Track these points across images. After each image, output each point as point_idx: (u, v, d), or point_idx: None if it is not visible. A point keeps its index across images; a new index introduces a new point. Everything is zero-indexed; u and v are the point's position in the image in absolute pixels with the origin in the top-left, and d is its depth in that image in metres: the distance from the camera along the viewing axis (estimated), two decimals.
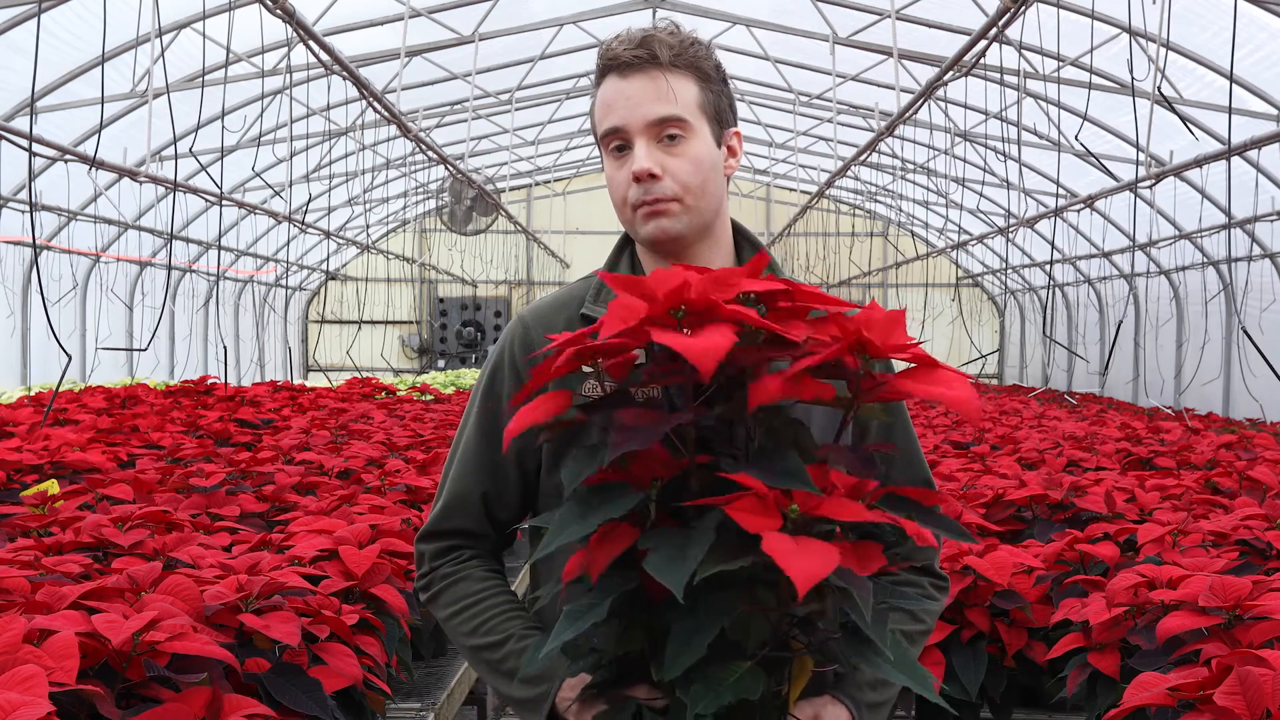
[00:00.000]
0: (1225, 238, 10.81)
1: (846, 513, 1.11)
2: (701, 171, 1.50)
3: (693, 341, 1.08)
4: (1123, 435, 6.99)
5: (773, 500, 1.10)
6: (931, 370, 1.16)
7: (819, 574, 1.03)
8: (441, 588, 1.57)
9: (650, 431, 1.12)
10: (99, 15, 5.80)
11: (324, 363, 18.99)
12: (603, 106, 1.51)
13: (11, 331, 11.64)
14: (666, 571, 1.08)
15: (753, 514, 1.09)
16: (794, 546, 1.05)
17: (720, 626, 1.12)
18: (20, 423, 5.81)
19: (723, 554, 1.10)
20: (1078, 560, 3.05)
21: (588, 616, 1.17)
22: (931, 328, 18.49)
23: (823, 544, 1.06)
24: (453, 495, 1.59)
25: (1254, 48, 8.14)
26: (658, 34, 1.51)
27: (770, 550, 1.04)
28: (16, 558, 2.49)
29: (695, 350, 1.06)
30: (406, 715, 2.79)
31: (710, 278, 1.15)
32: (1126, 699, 1.96)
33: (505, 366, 1.58)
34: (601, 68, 1.52)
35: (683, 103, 1.49)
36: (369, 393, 10.45)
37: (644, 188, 1.48)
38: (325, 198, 15.99)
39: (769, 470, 1.13)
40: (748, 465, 1.14)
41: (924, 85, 8.41)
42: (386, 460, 4.85)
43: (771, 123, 15.63)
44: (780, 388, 1.12)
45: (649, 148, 1.48)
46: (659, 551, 1.10)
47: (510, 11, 11.05)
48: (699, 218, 1.52)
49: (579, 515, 1.15)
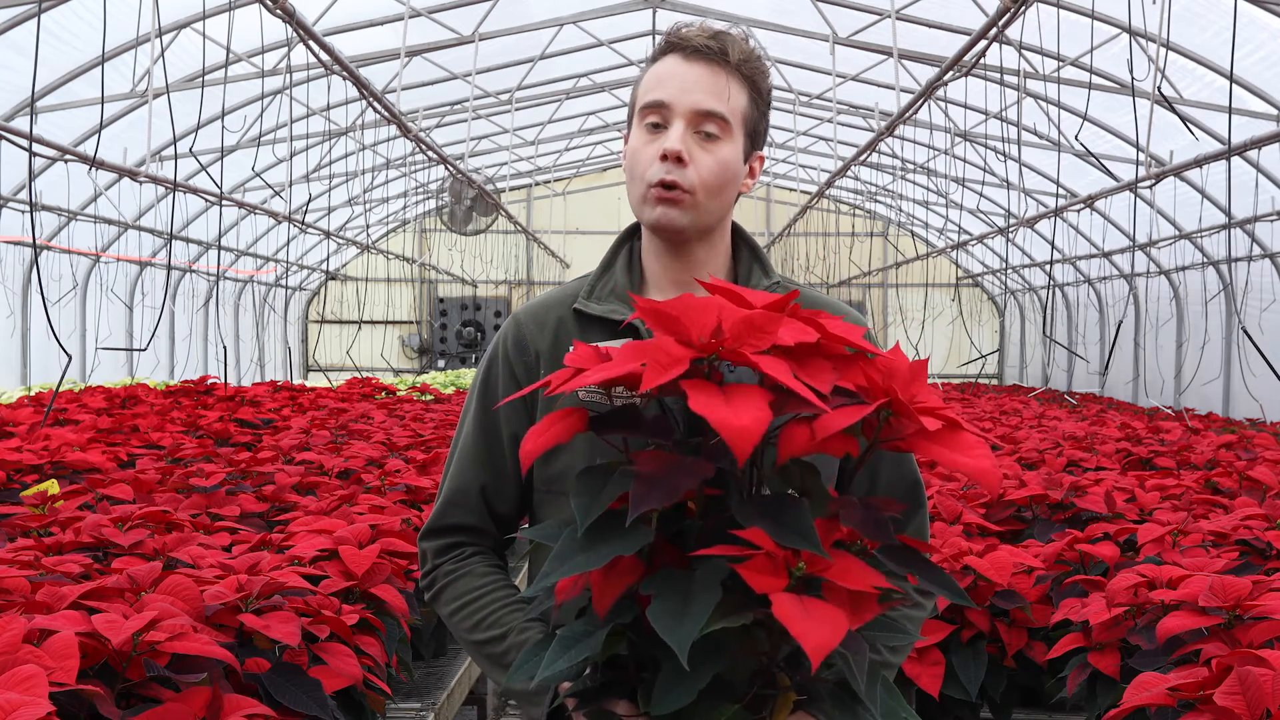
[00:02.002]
0: (1225, 238, 10.80)
1: (852, 581, 1.09)
2: (724, 176, 1.51)
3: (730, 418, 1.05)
4: (1123, 435, 6.99)
5: (782, 561, 1.09)
6: (955, 435, 1.13)
7: (831, 644, 1.03)
8: (444, 585, 1.57)
9: (672, 487, 1.10)
10: (99, 15, 5.80)
11: (324, 363, 18.99)
12: (654, 79, 1.52)
13: (11, 331, 11.64)
14: (671, 629, 1.07)
15: (762, 573, 1.08)
16: (802, 610, 1.04)
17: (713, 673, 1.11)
18: (20, 423, 5.81)
19: (727, 609, 1.09)
20: (1078, 560, 3.05)
21: (582, 647, 1.17)
22: (931, 328, 18.49)
23: (830, 610, 1.06)
24: (452, 491, 1.60)
25: (1254, 48, 8.14)
26: (732, 34, 1.52)
27: (782, 616, 1.03)
28: (16, 558, 2.49)
29: (733, 430, 1.04)
30: (406, 715, 2.79)
31: (745, 322, 1.12)
32: (1126, 699, 1.96)
33: (500, 363, 1.59)
34: (666, 45, 1.53)
35: (732, 106, 1.50)
36: (369, 393, 10.45)
37: (667, 167, 1.49)
38: (325, 198, 15.99)
39: (780, 526, 1.11)
40: (758, 516, 1.12)
41: (924, 85, 8.41)
42: (386, 460, 4.85)
43: (771, 122, 15.56)
44: (808, 443, 1.10)
45: (685, 133, 1.49)
46: (663, 601, 1.09)
47: (510, 11, 11.05)
48: (704, 219, 1.52)
49: (585, 546, 1.13)
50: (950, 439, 1.12)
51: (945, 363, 19.60)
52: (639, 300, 1.16)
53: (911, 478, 1.58)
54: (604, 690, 1.23)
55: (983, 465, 1.09)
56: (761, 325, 1.12)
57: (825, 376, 1.11)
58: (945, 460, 1.09)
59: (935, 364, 19.47)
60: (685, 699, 1.11)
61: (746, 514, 1.12)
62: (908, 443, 1.12)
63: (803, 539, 1.10)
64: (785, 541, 1.09)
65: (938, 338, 19.23)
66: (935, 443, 1.11)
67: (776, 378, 1.07)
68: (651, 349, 1.11)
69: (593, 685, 1.24)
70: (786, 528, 1.11)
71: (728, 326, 1.12)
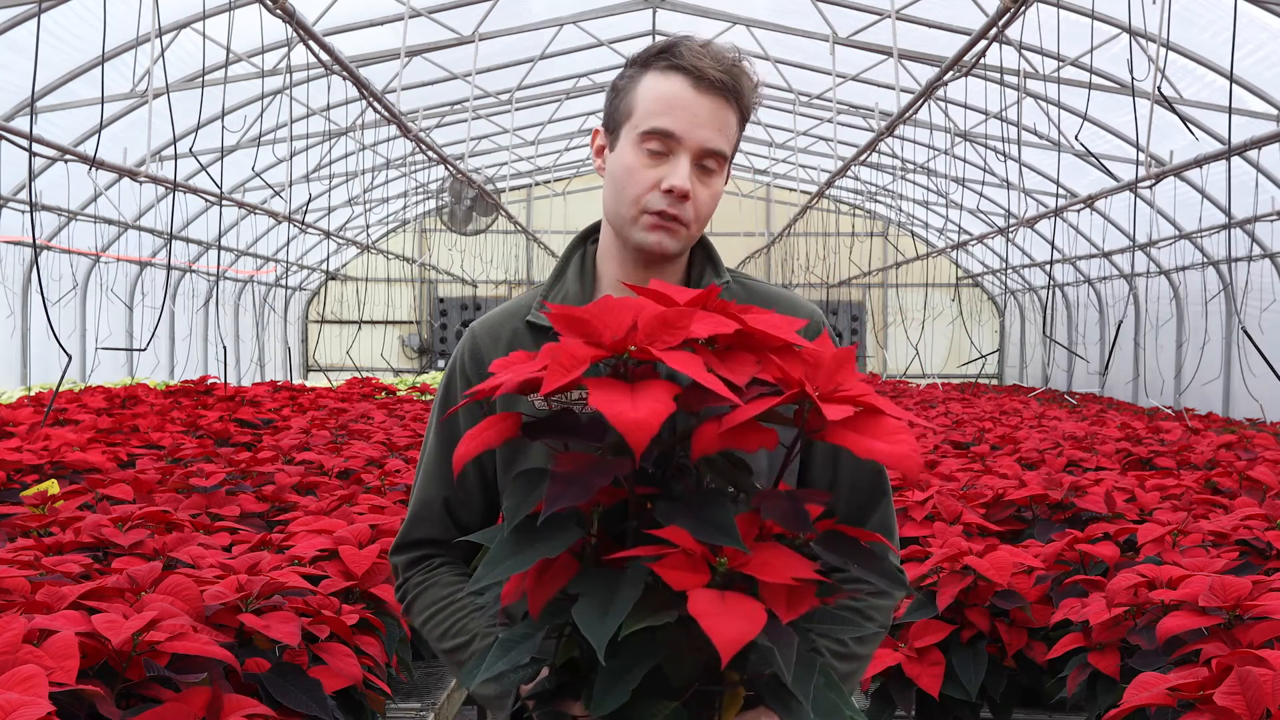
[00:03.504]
0: (1225, 238, 10.80)
1: (771, 574, 1.08)
2: (713, 205, 1.53)
3: (626, 411, 1.05)
4: (1123, 435, 6.99)
5: (700, 556, 1.09)
6: (873, 421, 1.11)
7: (743, 639, 1.01)
8: (414, 596, 1.59)
9: (586, 485, 1.10)
10: (99, 15, 5.80)
11: (324, 363, 18.99)
12: (660, 101, 1.48)
13: (11, 331, 11.64)
14: (593, 626, 1.07)
15: (680, 570, 1.08)
16: (720, 606, 1.03)
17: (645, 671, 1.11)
18: (20, 423, 5.81)
19: (649, 608, 1.09)
20: (1078, 560, 3.05)
21: (522, 649, 1.17)
22: (931, 328, 18.48)
23: (750, 603, 1.05)
24: (418, 505, 1.61)
25: (1254, 48, 8.14)
26: (742, 66, 1.50)
27: (696, 612, 1.02)
28: (16, 558, 2.49)
29: (628, 423, 1.04)
30: (406, 715, 2.79)
31: (659, 319, 1.12)
32: (1126, 699, 1.96)
33: (458, 377, 1.60)
34: (673, 63, 1.48)
35: (728, 140, 1.51)
36: (369, 393, 10.45)
37: (671, 202, 1.48)
38: (325, 198, 15.99)
39: (699, 522, 1.10)
40: (679, 514, 1.11)
41: (924, 85, 8.40)
42: (386, 460, 4.85)
43: (771, 123, 15.63)
44: (719, 439, 1.10)
45: (689, 170, 1.48)
46: (587, 599, 1.09)
47: (510, 11, 11.05)
48: (690, 242, 1.54)
49: (514, 550, 1.14)
50: (869, 425, 1.11)
51: (945, 363, 19.60)
52: (551, 307, 1.16)
53: (874, 467, 1.57)
54: (559, 691, 1.24)
55: (897, 450, 1.07)
56: (674, 321, 1.12)
57: (747, 370, 1.11)
58: (857, 446, 1.08)
59: (935, 364, 19.47)
60: (621, 698, 1.11)
61: (667, 512, 1.12)
62: (826, 431, 1.11)
63: (721, 534, 1.09)
64: (703, 537, 1.08)
65: (938, 338, 19.22)
66: (850, 429, 1.10)
67: (687, 372, 1.07)
68: (558, 351, 1.11)
69: (550, 687, 1.25)
70: (706, 523, 1.10)
71: (642, 324, 1.12)
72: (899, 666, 2.76)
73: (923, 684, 2.71)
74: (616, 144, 1.52)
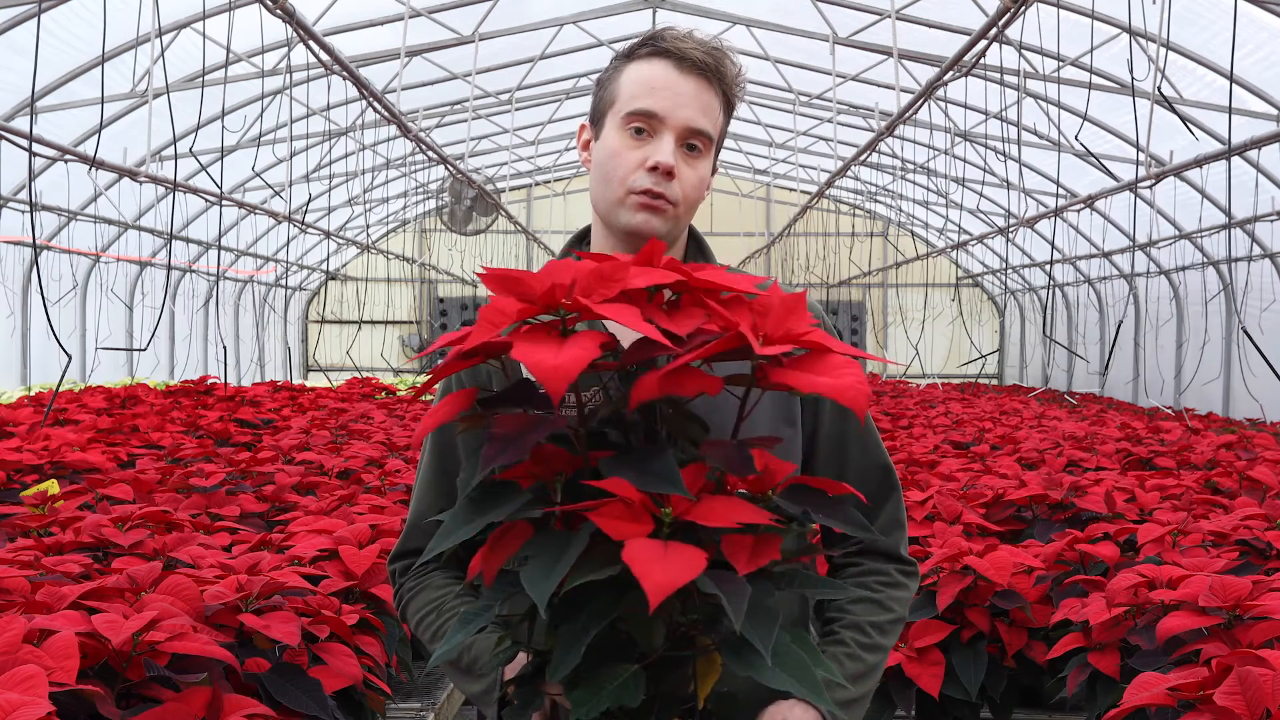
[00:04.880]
0: (1225, 238, 10.81)
1: (715, 519, 1.07)
2: (702, 190, 1.53)
3: (544, 358, 1.02)
4: (1123, 435, 6.99)
5: (640, 505, 1.07)
6: (820, 358, 1.10)
7: (675, 583, 0.99)
8: (408, 600, 1.60)
9: (521, 442, 1.08)
10: (99, 15, 5.80)
11: (324, 363, 18.99)
12: (642, 84, 1.49)
13: (11, 331, 11.64)
14: (536, 583, 1.05)
15: (620, 520, 1.06)
16: (659, 554, 1.02)
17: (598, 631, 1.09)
18: (20, 423, 5.81)
19: (594, 562, 1.07)
20: (1078, 560, 3.05)
21: (478, 620, 1.16)
22: (931, 328, 18.49)
23: (690, 550, 1.02)
24: (414, 515, 1.63)
25: (1254, 48, 8.14)
26: (725, 50, 1.52)
27: (628, 558, 1.00)
28: (16, 558, 2.49)
29: (545, 369, 1.01)
30: (406, 715, 2.79)
31: (595, 271, 1.10)
32: (1126, 699, 1.96)
33: (453, 382, 1.60)
34: (657, 48, 1.50)
35: (714, 123, 1.51)
36: (369, 393, 10.45)
37: (656, 179, 1.49)
38: (325, 198, 15.99)
39: (640, 472, 1.09)
40: (623, 467, 1.10)
41: (924, 85, 8.40)
42: (386, 460, 4.85)
43: (771, 123, 15.63)
44: (658, 385, 1.08)
45: (674, 148, 1.49)
46: (536, 560, 1.08)
47: (510, 11, 11.05)
48: (677, 228, 1.54)
49: (465, 519, 1.13)
50: (814, 363, 1.09)
51: (945, 363, 19.60)
52: (488, 269, 1.14)
53: (880, 461, 1.58)
54: (537, 673, 1.24)
55: (840, 383, 1.05)
56: (610, 274, 1.10)
57: (692, 321, 1.10)
58: (800, 382, 1.06)
59: (935, 364, 19.47)
60: (574, 660, 1.09)
61: (611, 466, 1.11)
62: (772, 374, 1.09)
63: (663, 481, 1.08)
64: (646, 486, 1.07)
65: (938, 338, 19.22)
66: (795, 369, 1.09)
67: (622, 320, 1.05)
68: (487, 309, 1.09)
69: (528, 670, 1.24)
70: (646, 473, 1.09)
71: (579, 280, 1.10)
72: (899, 666, 2.76)
73: (923, 684, 2.71)
74: (601, 132, 1.53)
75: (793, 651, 1.12)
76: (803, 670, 1.10)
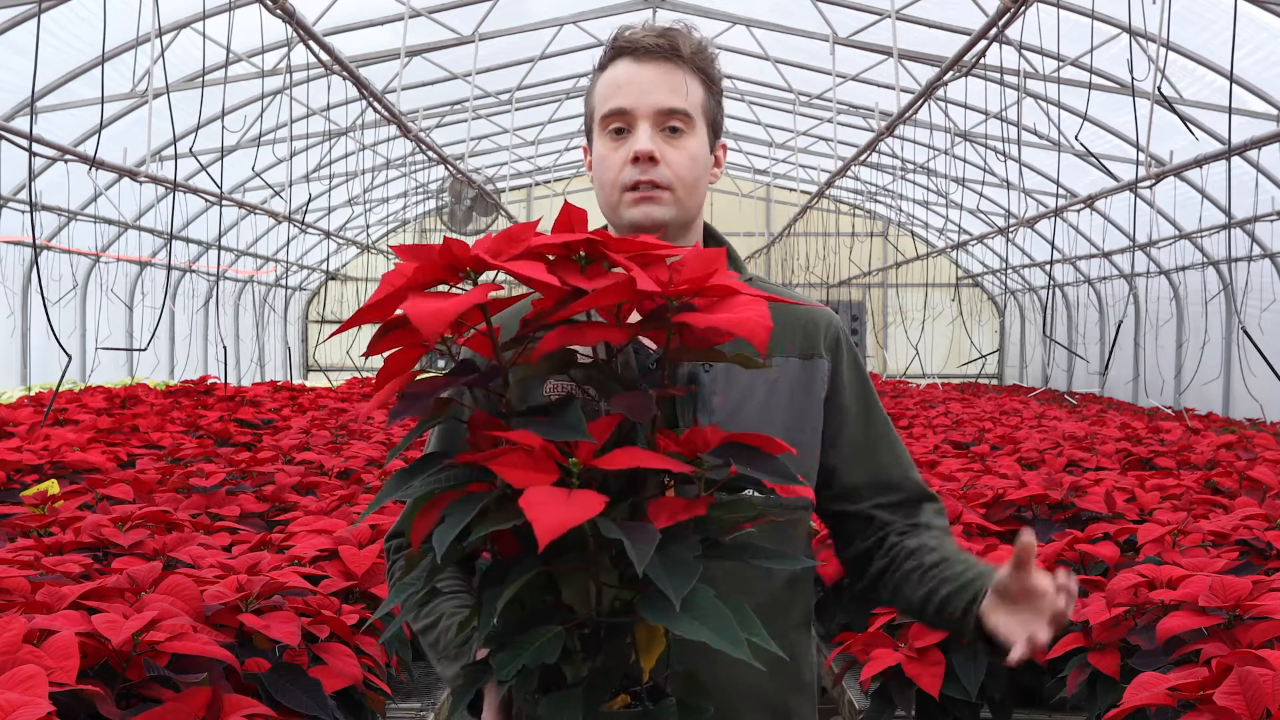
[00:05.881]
0: (1225, 238, 10.80)
1: (618, 463, 1.08)
2: (696, 169, 1.52)
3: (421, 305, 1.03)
4: (1123, 435, 6.99)
5: (542, 453, 1.08)
6: (724, 300, 1.12)
7: (565, 523, 0.98)
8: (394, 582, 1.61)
9: (424, 399, 1.10)
10: (99, 15, 5.80)
11: (324, 363, 18.98)
12: (609, 86, 1.52)
13: (11, 331, 11.64)
14: (441, 536, 1.06)
15: (521, 469, 1.06)
16: (557, 498, 1.02)
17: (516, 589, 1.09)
18: (20, 423, 5.81)
19: (501, 514, 1.07)
20: (1078, 560, 3.05)
21: (407, 587, 1.17)
22: (931, 328, 18.48)
23: (588, 496, 1.03)
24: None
25: (1254, 48, 8.14)
26: (678, 29, 1.53)
27: (525, 503, 1.00)
28: (16, 558, 2.49)
29: (420, 314, 1.02)
30: (406, 715, 2.79)
31: (503, 234, 1.12)
32: (1126, 699, 1.96)
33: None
34: (615, 50, 1.53)
35: (691, 101, 1.51)
36: (369, 392, 10.45)
37: (641, 168, 1.49)
38: (325, 198, 15.99)
39: (546, 423, 1.10)
40: (532, 421, 1.11)
41: (924, 85, 8.41)
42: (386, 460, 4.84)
43: (771, 123, 15.63)
44: (559, 336, 1.10)
45: (652, 134, 1.49)
46: (448, 519, 1.08)
47: (510, 11, 11.05)
48: (684, 213, 1.53)
49: (394, 486, 1.15)
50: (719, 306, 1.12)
51: (945, 363, 19.60)
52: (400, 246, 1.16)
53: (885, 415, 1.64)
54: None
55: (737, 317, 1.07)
56: (518, 235, 1.12)
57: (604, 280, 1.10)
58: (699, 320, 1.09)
59: (935, 364, 19.46)
60: (489, 621, 1.11)
61: (522, 420, 1.12)
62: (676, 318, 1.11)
63: (567, 430, 1.09)
64: (551, 435, 1.08)
65: (938, 338, 19.21)
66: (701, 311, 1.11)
67: (524, 273, 1.07)
68: (390, 274, 1.11)
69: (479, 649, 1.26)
70: (552, 424, 1.10)
71: (488, 243, 1.11)
72: (899, 666, 2.75)
73: (923, 684, 2.71)
74: (592, 145, 1.56)
75: (716, 606, 1.10)
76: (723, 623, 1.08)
